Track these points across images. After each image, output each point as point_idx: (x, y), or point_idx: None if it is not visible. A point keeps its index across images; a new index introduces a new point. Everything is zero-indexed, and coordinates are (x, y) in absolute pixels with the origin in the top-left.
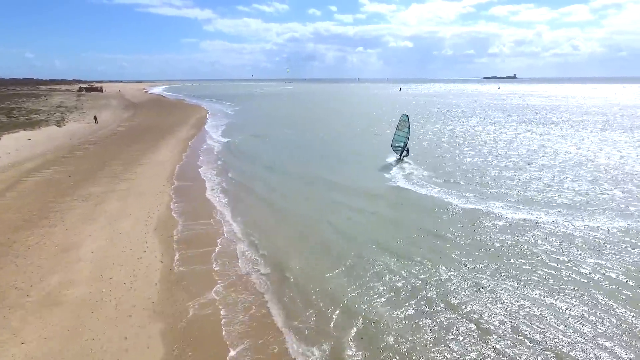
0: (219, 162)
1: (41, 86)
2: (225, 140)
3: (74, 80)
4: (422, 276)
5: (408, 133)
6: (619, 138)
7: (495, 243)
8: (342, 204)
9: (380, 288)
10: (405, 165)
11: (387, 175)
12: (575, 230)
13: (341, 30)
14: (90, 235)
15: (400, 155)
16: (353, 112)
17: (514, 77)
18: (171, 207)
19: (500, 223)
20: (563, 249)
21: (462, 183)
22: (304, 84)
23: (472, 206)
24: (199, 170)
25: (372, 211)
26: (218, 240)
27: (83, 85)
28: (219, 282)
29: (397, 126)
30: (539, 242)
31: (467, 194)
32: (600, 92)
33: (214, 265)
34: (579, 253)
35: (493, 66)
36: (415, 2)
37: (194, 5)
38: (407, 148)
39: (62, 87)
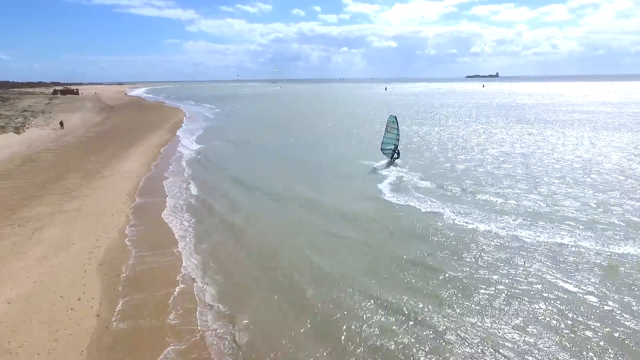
0: (189, 175)
1: (15, 89)
2: (200, 147)
3: (52, 82)
4: (419, 335)
5: (398, 135)
6: (624, 139)
7: (514, 281)
8: (321, 229)
9: (363, 356)
10: (395, 172)
11: (374, 187)
12: (605, 260)
13: (325, 31)
14: (15, 275)
15: (391, 158)
16: (339, 113)
17: (497, 75)
18: (126, 232)
19: (514, 249)
20: (599, 291)
21: (460, 194)
22: (291, 85)
23: (479, 226)
24: (166, 183)
25: (356, 238)
26: (178, 278)
27: (58, 88)
28: (172, 344)
29: (386, 128)
30: (567, 278)
31: (468, 209)
32: (585, 89)
33: (168, 318)
34: (619, 296)
35: (475, 65)
36: (398, 2)
37: (176, 6)
38: (398, 150)
39: (37, 90)
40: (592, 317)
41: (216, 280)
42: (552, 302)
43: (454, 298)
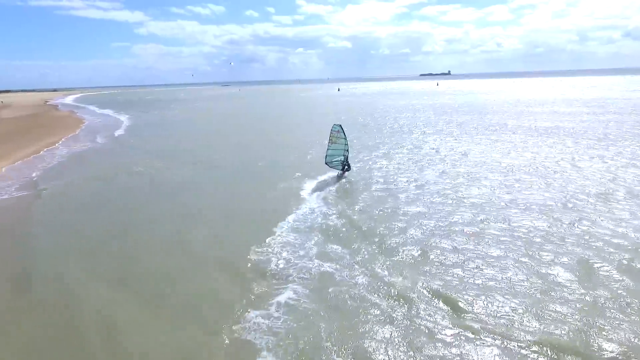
0: None
1: None
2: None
3: None
4: None
5: (346, 144)
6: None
7: None
8: None
9: None
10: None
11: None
12: None
13: (280, 32)
14: None
15: (342, 170)
16: (279, 125)
17: (449, 73)
18: None
19: None
20: None
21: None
22: (247, 87)
23: None
24: None
25: None
26: None
27: None
28: None
29: (330, 139)
30: None
31: None
32: (542, 86)
33: None
34: None
35: (428, 63)
36: (350, 2)
37: (123, 8)
38: (348, 162)
39: None
40: None
41: None
42: None
43: None
